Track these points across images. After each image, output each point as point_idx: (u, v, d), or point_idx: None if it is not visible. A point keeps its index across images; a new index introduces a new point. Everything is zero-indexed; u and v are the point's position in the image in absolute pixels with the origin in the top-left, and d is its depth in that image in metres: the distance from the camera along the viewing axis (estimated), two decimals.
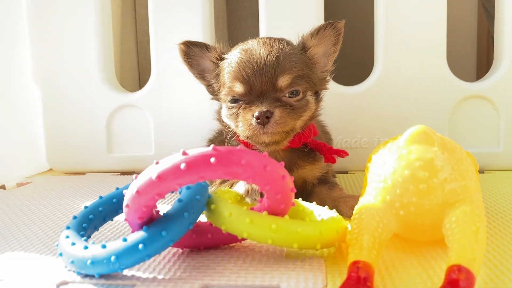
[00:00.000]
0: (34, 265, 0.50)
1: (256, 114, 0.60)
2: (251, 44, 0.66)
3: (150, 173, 0.42)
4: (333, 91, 1.00)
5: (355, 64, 1.31)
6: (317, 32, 0.67)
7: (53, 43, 1.08)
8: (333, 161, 0.70)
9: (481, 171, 0.97)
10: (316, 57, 0.68)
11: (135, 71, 1.38)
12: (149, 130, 1.08)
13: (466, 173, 0.49)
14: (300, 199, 0.60)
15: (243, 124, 0.62)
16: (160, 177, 0.41)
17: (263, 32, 1.00)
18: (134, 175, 0.44)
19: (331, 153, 0.69)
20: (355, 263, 0.41)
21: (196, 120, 1.04)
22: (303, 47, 0.67)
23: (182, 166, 0.41)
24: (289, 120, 0.61)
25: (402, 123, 0.99)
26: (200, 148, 0.42)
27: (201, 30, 1.02)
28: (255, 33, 0.99)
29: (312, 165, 0.71)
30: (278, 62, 0.62)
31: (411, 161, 0.48)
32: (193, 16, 1.02)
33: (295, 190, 0.48)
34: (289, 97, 0.63)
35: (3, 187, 0.98)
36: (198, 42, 0.70)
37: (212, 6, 1.04)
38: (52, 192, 0.87)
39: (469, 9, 1.62)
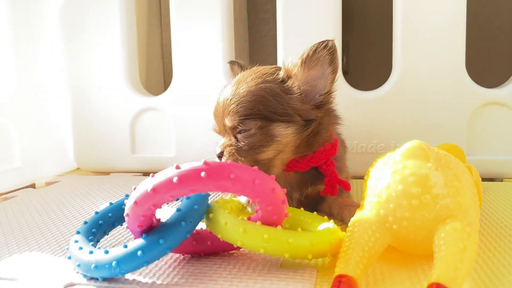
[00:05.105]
0: (47, 266, 0.54)
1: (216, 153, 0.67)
2: (235, 79, 0.70)
3: (146, 185, 0.45)
4: (350, 96, 1.01)
5: (374, 70, 1.30)
6: (307, 56, 0.63)
7: (83, 50, 1.14)
8: (334, 193, 0.68)
9: (499, 179, 0.95)
10: (305, 83, 0.65)
11: (160, 74, 1.42)
12: (170, 132, 1.11)
13: (461, 189, 0.50)
14: (302, 208, 0.61)
15: None
16: (154, 190, 0.44)
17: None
18: (133, 187, 0.47)
19: (335, 183, 0.68)
20: (338, 277, 0.43)
21: None
22: (285, 77, 0.65)
23: (175, 179, 0.43)
24: (239, 156, 0.64)
25: (419, 128, 0.98)
26: (192, 163, 0.44)
27: (221, 37, 1.05)
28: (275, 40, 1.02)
29: (323, 184, 0.70)
30: (226, 105, 0.65)
31: (405, 176, 0.49)
32: (214, 24, 1.05)
33: (286, 203, 0.50)
34: (241, 133, 0.65)
35: (33, 185, 1.04)
36: (237, 61, 0.81)
37: (232, 16, 1.07)
38: (75, 193, 0.92)
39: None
